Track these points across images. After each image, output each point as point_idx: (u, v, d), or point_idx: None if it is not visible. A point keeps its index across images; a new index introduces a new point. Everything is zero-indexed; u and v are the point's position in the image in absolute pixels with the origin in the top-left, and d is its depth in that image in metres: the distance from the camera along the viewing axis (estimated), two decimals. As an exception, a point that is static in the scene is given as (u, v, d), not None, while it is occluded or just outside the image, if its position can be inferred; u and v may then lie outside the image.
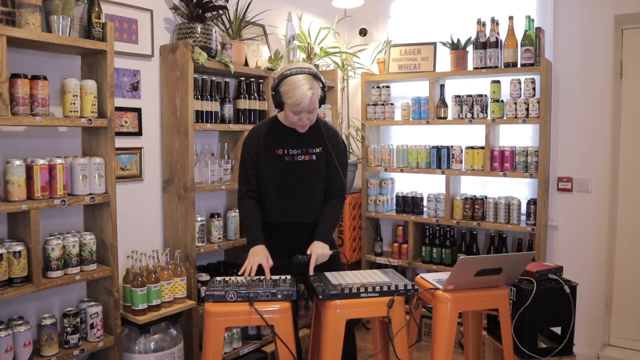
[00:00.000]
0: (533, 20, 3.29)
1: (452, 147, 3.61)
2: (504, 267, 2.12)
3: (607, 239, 3.31)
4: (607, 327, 3.40)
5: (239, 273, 2.15)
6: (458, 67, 3.52)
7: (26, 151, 2.24)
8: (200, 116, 2.81)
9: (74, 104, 2.20)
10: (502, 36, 3.37)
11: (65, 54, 2.35)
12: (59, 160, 2.15)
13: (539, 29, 3.25)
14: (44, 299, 2.35)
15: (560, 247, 3.44)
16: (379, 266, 3.82)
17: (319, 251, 2.22)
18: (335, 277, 2.16)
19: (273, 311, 1.96)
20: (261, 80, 3.18)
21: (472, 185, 3.76)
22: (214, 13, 2.91)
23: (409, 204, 3.78)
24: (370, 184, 3.92)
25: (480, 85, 3.59)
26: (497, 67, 3.37)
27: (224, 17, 3.03)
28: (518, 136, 3.55)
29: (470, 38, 3.51)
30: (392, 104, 3.85)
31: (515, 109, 3.30)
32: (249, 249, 2.27)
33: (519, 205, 3.39)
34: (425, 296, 2.22)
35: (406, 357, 2.07)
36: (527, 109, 3.27)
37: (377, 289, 2.02)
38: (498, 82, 3.43)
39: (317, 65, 3.70)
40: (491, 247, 3.57)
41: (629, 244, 3.34)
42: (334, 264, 2.36)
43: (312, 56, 3.60)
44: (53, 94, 2.27)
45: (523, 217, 3.41)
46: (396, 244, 3.85)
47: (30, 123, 2.06)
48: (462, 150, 3.57)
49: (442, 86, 3.72)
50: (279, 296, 1.97)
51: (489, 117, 3.44)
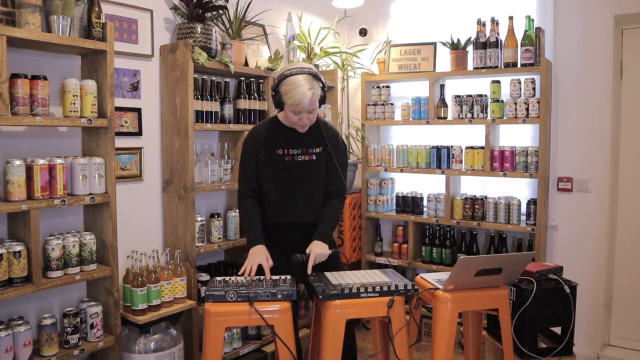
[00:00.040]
0: (533, 20, 3.29)
1: (452, 147, 3.61)
2: (504, 267, 2.12)
3: (607, 239, 3.31)
4: (607, 327, 3.40)
5: (239, 273, 2.15)
6: (458, 67, 3.52)
7: (26, 151, 2.24)
8: (200, 116, 2.81)
9: (74, 104, 2.20)
10: (502, 36, 3.37)
11: (65, 54, 2.35)
12: (59, 160, 2.15)
13: (539, 29, 3.25)
14: (44, 299, 2.35)
15: (560, 247, 3.44)
16: (379, 266, 3.82)
17: (317, 250, 2.23)
18: (335, 277, 2.16)
19: (273, 311, 1.96)
20: (261, 80, 3.18)
21: (472, 185, 3.76)
22: (214, 13, 2.91)
23: (409, 204, 3.78)
24: (370, 184, 3.92)
25: (480, 85, 3.59)
26: (497, 67, 3.37)
27: (224, 17, 3.03)
28: (518, 136, 3.55)
29: (470, 38, 3.51)
30: (392, 104, 3.85)
31: (515, 109, 3.30)
32: (249, 249, 2.27)
33: (519, 205, 3.39)
34: (425, 296, 2.22)
35: (406, 357, 2.07)
36: (527, 109, 3.27)
37: (377, 289, 2.02)
38: (498, 82, 3.43)
39: (317, 65, 3.70)
40: (491, 247, 3.57)
41: (629, 244, 3.34)
42: (333, 263, 2.37)
43: (312, 56, 3.60)
44: (53, 94, 2.27)
45: (523, 217, 3.41)
46: (396, 244, 3.85)
47: (30, 123, 2.06)
48: (462, 150, 3.57)
49: (442, 86, 3.72)
50: (279, 296, 1.98)
51: (489, 117, 3.44)
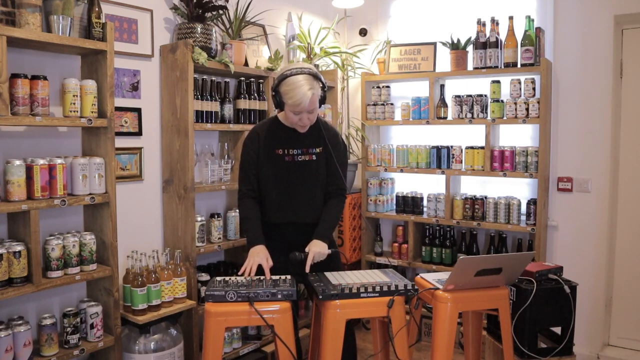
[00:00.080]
0: (533, 20, 3.29)
1: (452, 147, 3.61)
2: (504, 267, 2.12)
3: (607, 239, 3.31)
4: (607, 327, 3.40)
5: (239, 273, 2.15)
6: (458, 67, 3.52)
7: (26, 151, 2.24)
8: (200, 116, 2.81)
9: (74, 104, 2.20)
10: (502, 36, 3.37)
11: (65, 54, 2.35)
12: (59, 160, 2.15)
13: (539, 29, 3.25)
14: (44, 299, 2.35)
15: (560, 247, 3.44)
16: (379, 266, 3.82)
17: (316, 249, 2.23)
18: (335, 277, 2.16)
19: (273, 311, 1.96)
20: (261, 80, 3.18)
21: (472, 185, 3.76)
22: (214, 13, 2.91)
23: (409, 204, 3.78)
24: (370, 184, 3.92)
25: (480, 85, 3.59)
26: (497, 67, 3.37)
27: (224, 17, 3.03)
28: (518, 136, 3.55)
29: (470, 38, 3.51)
30: (392, 104, 3.85)
31: (515, 109, 3.30)
32: (249, 249, 2.27)
33: (519, 205, 3.39)
34: (425, 296, 2.22)
35: (406, 357, 2.07)
36: (527, 109, 3.27)
37: (377, 289, 2.02)
38: (498, 82, 3.43)
39: (317, 65, 3.70)
40: (491, 247, 3.57)
41: (629, 244, 3.34)
42: (333, 263, 2.37)
43: (312, 56, 3.60)
44: (53, 94, 2.27)
45: (523, 217, 3.41)
46: (396, 244, 3.85)
47: (30, 123, 2.06)
48: (462, 150, 3.57)
49: (442, 86, 3.72)
50: (279, 296, 1.98)
51: (489, 117, 3.44)
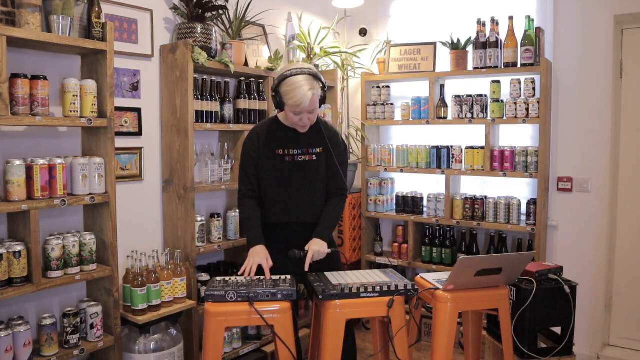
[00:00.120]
0: (533, 20, 3.29)
1: (452, 147, 3.61)
2: (504, 267, 2.12)
3: (607, 239, 3.31)
4: (607, 327, 3.40)
5: (239, 273, 2.15)
6: (458, 67, 3.52)
7: (26, 151, 2.24)
8: (200, 116, 2.81)
9: (74, 104, 2.20)
10: (502, 36, 3.37)
11: (65, 54, 2.35)
12: (59, 160, 2.15)
13: (539, 29, 3.25)
14: (44, 299, 2.35)
15: (560, 247, 3.44)
16: (379, 266, 3.82)
17: (316, 248, 2.23)
18: (335, 277, 2.16)
19: (273, 311, 1.96)
20: (261, 80, 3.18)
21: (472, 185, 3.76)
22: (214, 13, 2.91)
23: (409, 204, 3.78)
24: (370, 184, 3.92)
25: (480, 85, 3.59)
26: (497, 67, 3.37)
27: (224, 17, 3.03)
28: (518, 136, 3.55)
29: (470, 38, 3.51)
30: (392, 104, 3.85)
31: (515, 109, 3.30)
32: (249, 249, 2.27)
33: (519, 205, 3.39)
34: (425, 296, 2.22)
35: (406, 357, 2.07)
36: (527, 109, 3.27)
37: (377, 289, 2.02)
38: (498, 82, 3.43)
39: (317, 65, 3.70)
40: (491, 247, 3.57)
41: (629, 244, 3.34)
42: (333, 263, 2.37)
43: (312, 56, 3.60)
44: (53, 94, 2.27)
45: (523, 217, 3.41)
46: (396, 244, 3.85)
47: (30, 123, 2.06)
48: (462, 150, 3.57)
49: (442, 86, 3.72)
50: (279, 296, 1.98)
51: (489, 117, 3.44)
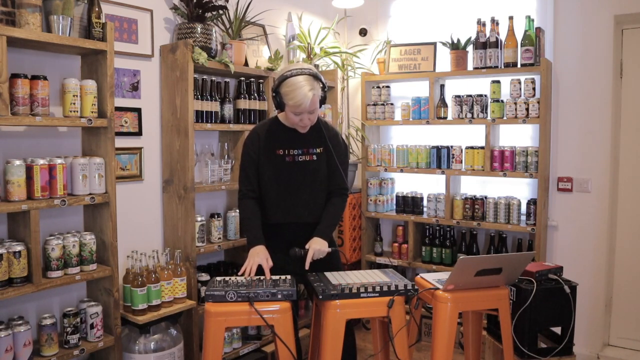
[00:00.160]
0: (533, 20, 3.29)
1: (452, 147, 3.61)
2: (504, 267, 2.12)
3: (607, 239, 3.31)
4: (607, 327, 3.40)
5: (239, 273, 2.16)
6: (458, 67, 3.52)
7: (26, 151, 2.24)
8: (200, 116, 2.81)
9: (74, 104, 2.20)
10: (502, 36, 3.37)
11: (65, 54, 2.35)
12: (59, 160, 2.15)
13: (539, 29, 3.25)
14: (44, 299, 2.35)
15: (560, 247, 3.44)
16: (379, 266, 3.82)
17: (316, 246, 2.23)
18: (335, 277, 2.16)
19: (273, 311, 1.96)
20: (261, 80, 3.18)
21: (472, 185, 3.76)
22: (214, 13, 2.91)
23: (409, 204, 3.78)
24: (370, 184, 3.92)
25: (480, 85, 3.59)
26: (497, 67, 3.37)
27: (224, 17, 3.03)
28: (518, 136, 3.55)
29: (470, 38, 3.51)
30: (392, 104, 3.85)
31: (515, 109, 3.30)
32: (249, 249, 2.27)
33: (519, 205, 3.39)
34: (425, 296, 2.22)
35: (406, 357, 2.07)
36: (527, 109, 3.27)
37: (377, 289, 2.02)
38: (498, 82, 3.43)
39: (317, 65, 3.70)
40: (491, 247, 3.57)
41: (629, 244, 3.34)
42: (333, 263, 2.37)
43: (312, 56, 3.60)
44: (53, 94, 2.27)
45: (523, 217, 3.41)
46: (396, 244, 3.85)
47: (30, 123, 2.06)
48: (462, 150, 3.57)
49: (442, 86, 3.72)
50: (279, 296, 1.98)
51: (489, 117, 3.44)
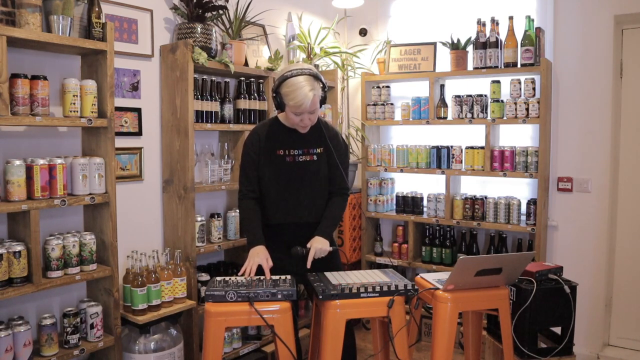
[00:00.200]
0: (533, 20, 3.29)
1: (452, 147, 3.61)
2: (504, 267, 2.12)
3: (607, 239, 3.31)
4: (607, 327, 3.40)
5: (239, 274, 2.16)
6: (458, 67, 3.52)
7: (26, 151, 2.24)
8: (200, 116, 2.81)
9: (74, 104, 2.20)
10: (502, 36, 3.37)
11: (65, 54, 2.35)
12: (59, 160, 2.15)
13: (539, 29, 3.25)
14: (44, 299, 2.35)
15: (560, 247, 3.44)
16: (379, 266, 3.82)
17: (318, 245, 2.24)
18: (335, 277, 2.16)
19: (273, 311, 1.96)
20: (261, 80, 3.18)
21: (472, 185, 3.76)
22: (214, 13, 2.91)
23: (409, 204, 3.78)
24: (370, 184, 3.92)
25: (480, 85, 3.59)
26: (497, 67, 3.37)
27: (224, 17, 3.03)
28: (518, 136, 3.55)
29: (470, 38, 3.51)
30: (392, 104, 3.85)
31: (515, 109, 3.30)
32: (249, 249, 2.27)
33: (519, 205, 3.39)
34: (425, 296, 2.22)
35: (406, 357, 2.07)
36: (527, 109, 3.27)
37: (377, 289, 2.02)
38: (498, 82, 3.43)
39: (317, 65, 3.70)
40: (491, 247, 3.57)
41: (629, 244, 3.34)
42: (334, 263, 2.37)
43: (312, 56, 3.60)
44: (53, 94, 2.27)
45: (523, 217, 3.41)
46: (396, 244, 3.85)
47: (30, 123, 2.06)
48: (462, 150, 3.57)
49: (442, 86, 3.72)
50: (279, 296, 1.98)
51: (489, 117, 3.44)
